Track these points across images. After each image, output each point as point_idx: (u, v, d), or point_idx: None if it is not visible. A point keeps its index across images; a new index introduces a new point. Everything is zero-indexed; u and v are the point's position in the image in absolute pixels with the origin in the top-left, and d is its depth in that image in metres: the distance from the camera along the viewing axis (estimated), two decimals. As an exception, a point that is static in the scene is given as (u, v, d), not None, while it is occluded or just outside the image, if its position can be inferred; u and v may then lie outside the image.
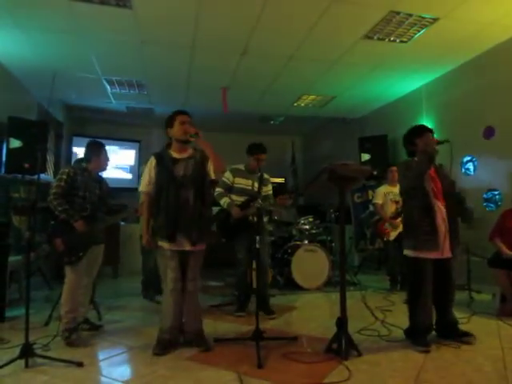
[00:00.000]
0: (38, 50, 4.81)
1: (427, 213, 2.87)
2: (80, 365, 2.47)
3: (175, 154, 2.89)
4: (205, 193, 2.88)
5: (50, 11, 3.94)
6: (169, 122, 2.91)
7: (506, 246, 3.73)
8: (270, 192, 4.07)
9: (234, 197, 3.90)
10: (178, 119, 2.86)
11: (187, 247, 2.80)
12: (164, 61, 5.20)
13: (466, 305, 3.96)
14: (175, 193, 2.76)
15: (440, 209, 2.93)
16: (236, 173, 3.96)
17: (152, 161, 2.91)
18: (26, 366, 2.44)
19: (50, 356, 2.55)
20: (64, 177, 3.08)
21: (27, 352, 2.45)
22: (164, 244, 2.80)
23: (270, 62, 5.25)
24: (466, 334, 2.90)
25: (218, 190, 3.89)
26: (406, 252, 2.97)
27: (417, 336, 2.86)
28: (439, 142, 2.94)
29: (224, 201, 3.85)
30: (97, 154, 3.29)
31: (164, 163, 2.85)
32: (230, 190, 3.93)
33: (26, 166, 4.85)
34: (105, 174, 3.49)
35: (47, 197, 3.09)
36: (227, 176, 3.93)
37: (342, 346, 2.64)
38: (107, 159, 3.38)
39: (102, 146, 3.34)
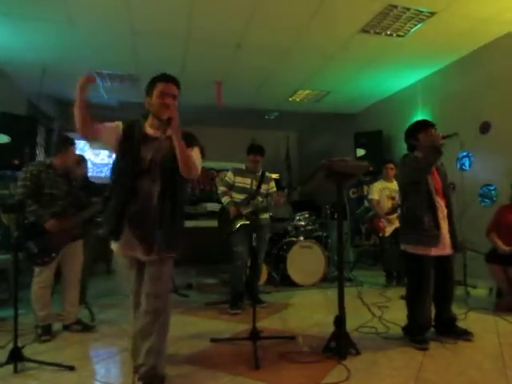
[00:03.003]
0: (27, 43, 4.67)
1: (429, 209, 2.85)
2: (71, 368, 2.40)
3: (150, 130, 2.18)
4: (178, 187, 2.17)
5: (39, 2, 3.82)
6: (148, 88, 2.19)
7: (502, 242, 3.73)
8: (273, 189, 4.20)
9: (234, 195, 4.09)
10: (159, 87, 2.14)
11: (142, 256, 2.12)
12: (157, 54, 5.09)
13: (462, 300, 3.94)
14: (135, 182, 2.07)
15: (440, 205, 2.91)
16: (237, 172, 4.15)
17: (119, 125, 2.18)
18: (15, 370, 2.36)
19: (40, 360, 2.47)
20: (28, 175, 2.97)
21: (16, 356, 2.38)
22: (116, 247, 2.16)
23: (265, 56, 5.16)
24: (465, 333, 2.88)
25: (221, 188, 4.16)
26: (406, 248, 2.93)
27: (415, 333, 2.83)
28: (445, 137, 2.88)
29: (225, 199, 4.08)
30: (62, 149, 3.16)
31: (132, 138, 2.14)
32: (231, 188, 4.13)
33: (16, 162, 4.75)
34: (97, 171, 3.41)
35: None
36: (229, 175, 4.18)
37: (340, 345, 2.60)
38: (73, 156, 3.26)
39: (69, 143, 3.20)
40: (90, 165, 6.58)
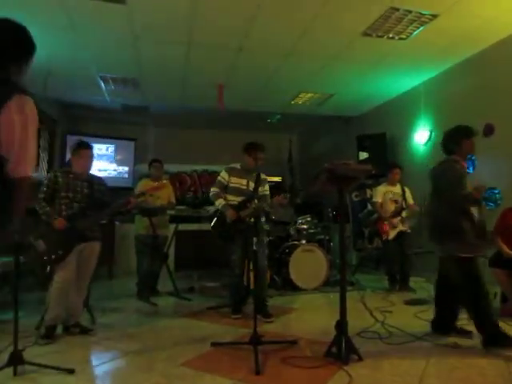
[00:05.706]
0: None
1: (468, 217, 2.87)
2: (71, 372, 2.38)
3: None
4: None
5: (41, 6, 3.84)
6: None
7: (507, 246, 3.68)
8: (267, 192, 3.88)
9: (229, 197, 3.78)
10: None
11: None
12: (159, 57, 5.10)
13: (466, 305, 3.90)
14: None
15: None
16: (232, 172, 3.83)
17: None
18: (15, 373, 2.35)
19: (40, 363, 2.45)
20: (46, 182, 3.24)
21: (16, 359, 2.36)
22: None
23: (267, 59, 5.17)
24: (464, 332, 2.91)
25: (214, 189, 3.80)
26: (457, 254, 2.85)
27: (501, 339, 2.71)
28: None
29: (219, 202, 3.74)
30: (73, 154, 3.30)
31: None
32: (225, 189, 3.81)
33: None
34: (100, 173, 3.42)
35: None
36: (223, 175, 3.82)
37: (341, 350, 2.57)
38: (85, 160, 3.30)
39: (80, 147, 3.29)
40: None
